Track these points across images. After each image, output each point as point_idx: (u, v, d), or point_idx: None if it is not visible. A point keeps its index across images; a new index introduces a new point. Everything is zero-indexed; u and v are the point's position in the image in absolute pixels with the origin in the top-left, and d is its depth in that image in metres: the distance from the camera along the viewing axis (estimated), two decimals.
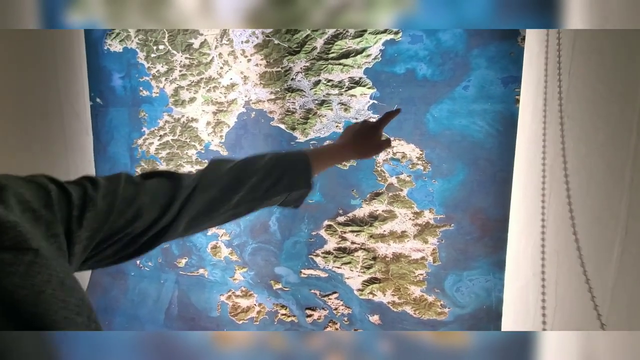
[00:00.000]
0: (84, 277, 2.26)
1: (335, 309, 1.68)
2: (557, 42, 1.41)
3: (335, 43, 1.58)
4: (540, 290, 1.52)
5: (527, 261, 1.57)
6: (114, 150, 2.07)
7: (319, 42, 1.60)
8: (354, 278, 1.65)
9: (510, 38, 1.38)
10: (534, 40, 1.45)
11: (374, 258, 1.61)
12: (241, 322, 1.82)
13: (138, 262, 2.06)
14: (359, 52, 1.55)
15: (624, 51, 0.94)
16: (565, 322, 1.35)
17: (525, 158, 1.46)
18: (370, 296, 1.62)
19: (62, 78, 2.22)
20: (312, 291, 1.71)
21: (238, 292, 1.84)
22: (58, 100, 2.24)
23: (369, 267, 1.62)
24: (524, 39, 1.38)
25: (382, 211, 1.58)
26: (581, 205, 1.34)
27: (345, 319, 1.66)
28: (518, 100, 1.39)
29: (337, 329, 1.67)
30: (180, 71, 1.84)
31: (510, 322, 1.50)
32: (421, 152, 1.50)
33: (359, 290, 1.64)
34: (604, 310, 1.06)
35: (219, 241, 1.88)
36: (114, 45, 1.97)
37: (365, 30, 1.52)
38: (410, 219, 1.55)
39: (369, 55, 1.54)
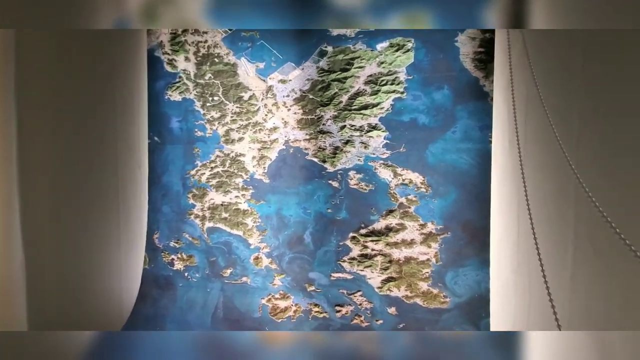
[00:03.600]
0: (132, 290, 2.58)
1: (360, 304, 2.09)
2: (512, 102, 2.02)
3: (357, 98, 2.13)
4: (519, 284, 2.04)
5: (506, 260, 2.07)
6: (167, 180, 2.49)
7: (344, 97, 2.14)
8: (374, 278, 2.08)
9: (483, 99, 1.97)
10: (500, 99, 2.05)
11: (390, 261, 2.06)
12: (280, 320, 2.19)
13: (186, 274, 2.42)
14: (374, 105, 2.10)
15: (562, 107, 1.55)
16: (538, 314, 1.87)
17: (498, 182, 2.01)
18: (388, 292, 2.06)
19: (120, 121, 2.68)
20: (340, 291, 2.13)
21: (277, 295, 2.22)
22: (114, 138, 2.69)
23: (386, 269, 2.07)
24: (492, 99, 1.97)
25: (395, 224, 2.06)
26: (539, 216, 1.92)
27: (369, 312, 2.07)
28: (490, 141, 1.94)
29: (362, 321, 2.07)
30: (231, 117, 2.34)
31: (496, 305, 1.96)
32: (423, 179, 2.02)
33: (378, 287, 2.07)
34: (561, 309, 1.61)
35: (260, 253, 2.28)
36: (174, 96, 2.45)
37: (379, 90, 2.09)
38: (417, 229, 2.03)
39: (382, 108, 2.09)
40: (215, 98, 2.37)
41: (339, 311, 2.11)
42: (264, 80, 2.27)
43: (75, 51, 2.53)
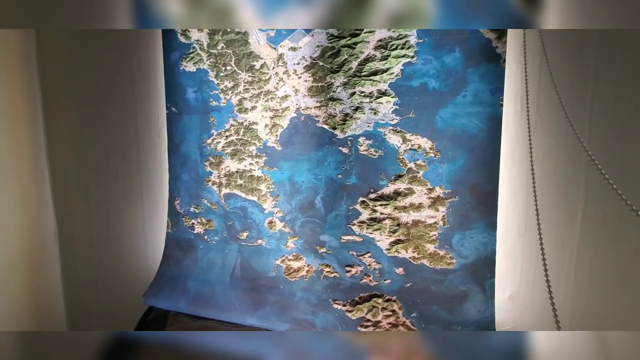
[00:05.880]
0: (157, 252, 2.77)
1: (369, 265, 2.19)
2: (525, 62, 1.98)
3: (367, 64, 2.13)
4: (526, 247, 2.07)
5: (513, 224, 2.10)
6: (185, 149, 2.60)
7: (354, 64, 2.15)
8: (382, 240, 2.16)
9: (495, 61, 1.93)
10: (512, 61, 2.00)
11: (398, 224, 2.13)
12: (293, 279, 2.33)
13: (206, 237, 2.57)
14: (384, 71, 2.10)
15: (575, 70, 1.54)
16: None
17: (508, 146, 2.00)
18: (396, 254, 2.14)
19: (138, 92, 2.79)
20: (350, 252, 2.22)
21: (290, 257, 2.35)
22: (134, 109, 2.80)
23: (394, 232, 2.14)
24: (504, 61, 1.93)
25: (404, 189, 2.11)
26: (545, 181, 1.92)
27: (377, 272, 2.17)
28: (502, 105, 1.93)
29: (370, 280, 2.18)
30: (244, 86, 2.39)
31: (502, 267, 2.02)
32: (432, 144, 2.04)
33: (387, 249, 2.16)
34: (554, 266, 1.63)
35: (274, 217, 2.40)
36: (189, 67, 2.52)
37: (389, 55, 2.08)
38: (425, 194, 2.08)
39: (392, 73, 2.09)
40: (228, 68, 2.42)
41: (348, 271, 2.22)
42: (274, 48, 2.29)
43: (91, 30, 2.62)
